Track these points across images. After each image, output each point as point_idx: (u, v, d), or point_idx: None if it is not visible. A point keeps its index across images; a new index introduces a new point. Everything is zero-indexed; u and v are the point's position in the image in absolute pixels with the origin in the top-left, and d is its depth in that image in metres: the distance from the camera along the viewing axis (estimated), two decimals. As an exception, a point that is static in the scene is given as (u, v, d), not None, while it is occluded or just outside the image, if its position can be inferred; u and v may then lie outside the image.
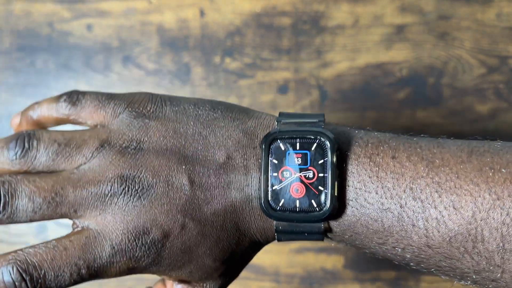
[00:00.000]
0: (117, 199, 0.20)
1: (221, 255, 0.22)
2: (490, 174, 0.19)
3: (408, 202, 0.19)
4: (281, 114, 0.22)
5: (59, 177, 0.20)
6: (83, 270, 0.20)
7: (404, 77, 0.47)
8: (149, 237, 0.20)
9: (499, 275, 0.19)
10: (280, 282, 0.46)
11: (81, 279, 0.20)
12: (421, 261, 0.20)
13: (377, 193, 0.20)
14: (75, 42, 0.47)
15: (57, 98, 0.23)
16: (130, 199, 0.20)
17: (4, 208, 0.20)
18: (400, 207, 0.19)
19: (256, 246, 0.23)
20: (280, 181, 0.20)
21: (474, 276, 0.19)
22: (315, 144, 0.20)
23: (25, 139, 0.22)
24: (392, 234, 0.20)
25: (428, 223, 0.19)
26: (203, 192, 0.20)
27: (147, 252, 0.21)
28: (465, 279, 0.20)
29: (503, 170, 0.19)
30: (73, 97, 0.22)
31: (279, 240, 0.22)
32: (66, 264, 0.19)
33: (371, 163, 0.20)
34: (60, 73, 0.47)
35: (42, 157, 0.20)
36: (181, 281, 0.24)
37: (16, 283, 0.19)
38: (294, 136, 0.21)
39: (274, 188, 0.20)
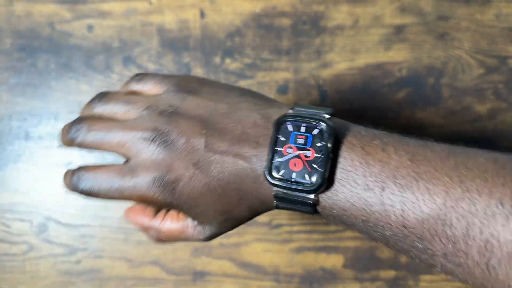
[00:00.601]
0: (149, 144, 0.26)
1: (221, 208, 0.26)
2: (463, 171, 0.22)
3: (390, 185, 0.22)
4: (297, 104, 0.26)
5: (117, 122, 0.27)
6: (114, 187, 0.26)
7: (403, 77, 0.47)
8: (164, 179, 0.25)
9: (462, 260, 0.21)
10: (280, 282, 0.46)
11: (109, 194, 0.27)
12: (398, 239, 0.23)
13: (364, 176, 0.23)
14: (76, 42, 0.47)
15: (131, 78, 0.30)
16: (158, 147, 0.26)
17: (82, 131, 0.27)
18: (382, 189, 0.22)
19: (253, 211, 0.27)
20: (283, 155, 0.24)
21: (442, 260, 0.22)
22: (317, 129, 0.24)
23: (103, 95, 0.29)
24: (374, 213, 0.23)
25: (405, 205, 0.22)
26: (215, 154, 0.25)
27: (161, 190, 0.26)
28: (436, 263, 0.23)
29: (475, 169, 0.22)
30: (141, 77, 0.30)
31: (277, 207, 0.25)
32: (106, 177, 0.27)
33: (362, 151, 0.24)
34: (60, 73, 0.47)
35: (110, 108, 0.28)
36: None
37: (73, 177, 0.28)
38: (301, 120, 0.25)
39: (277, 159, 0.24)
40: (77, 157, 0.46)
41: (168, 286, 0.46)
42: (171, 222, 0.28)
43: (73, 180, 0.28)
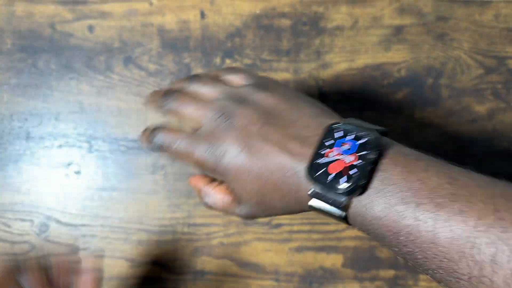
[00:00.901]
0: (215, 120, 0.30)
1: (256, 191, 0.29)
2: (499, 200, 0.22)
3: (425, 202, 0.23)
4: (351, 118, 0.28)
5: (199, 99, 0.32)
6: (180, 147, 0.31)
7: (402, 78, 0.47)
8: (215, 149, 0.30)
9: (487, 286, 0.21)
10: (280, 281, 0.46)
11: (175, 152, 0.32)
12: (426, 257, 0.23)
13: (401, 191, 0.24)
14: (77, 43, 0.47)
15: (224, 68, 0.35)
16: (220, 124, 0.30)
17: (171, 100, 0.33)
18: (417, 205, 0.23)
19: (285, 205, 0.29)
20: (325, 157, 0.26)
21: (467, 284, 0.22)
22: (364, 139, 0.26)
23: (196, 76, 0.34)
24: (406, 226, 0.23)
25: (437, 222, 0.22)
26: (265, 142, 0.28)
27: (211, 157, 0.30)
28: (458, 285, 0.23)
29: (509, 199, 0.22)
30: (232, 69, 0.35)
31: (310, 207, 0.27)
32: (176, 138, 0.32)
33: (404, 168, 0.24)
34: (61, 73, 0.47)
35: (197, 87, 0.33)
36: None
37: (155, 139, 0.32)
38: (350, 128, 0.26)
39: (319, 160, 0.26)
40: (78, 157, 0.46)
41: (169, 285, 0.46)
42: (219, 192, 0.32)
43: (150, 135, 0.33)
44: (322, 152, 0.26)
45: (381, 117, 0.47)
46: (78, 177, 0.46)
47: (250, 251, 0.46)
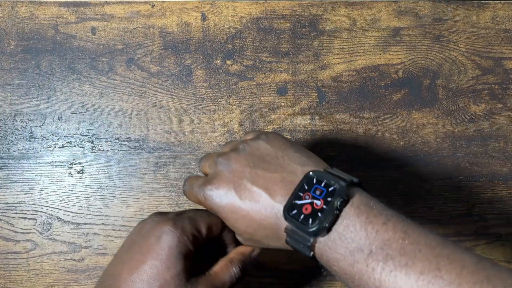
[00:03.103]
0: (215, 165, 0.34)
1: (244, 229, 0.32)
2: (443, 261, 0.25)
3: (377, 252, 0.26)
4: (334, 168, 0.31)
5: (215, 155, 0.35)
6: (193, 188, 0.35)
7: (400, 79, 0.48)
8: (211, 188, 0.33)
9: None
10: (280, 278, 0.46)
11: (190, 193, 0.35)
12: None
13: (359, 238, 0.27)
14: (80, 44, 0.47)
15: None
16: (221, 168, 0.33)
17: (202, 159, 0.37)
18: (370, 252, 0.26)
19: (269, 241, 0.32)
20: (301, 199, 0.29)
21: None
22: (332, 187, 0.29)
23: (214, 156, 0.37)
24: (359, 270, 0.26)
25: (383, 271, 0.26)
26: (253, 183, 0.31)
27: (207, 195, 0.33)
28: None
29: (455, 263, 0.25)
30: (252, 131, 0.38)
31: (287, 242, 0.30)
32: (192, 182, 0.35)
33: (366, 219, 0.27)
34: (64, 74, 0.47)
35: (222, 149, 0.37)
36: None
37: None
38: (324, 177, 0.30)
39: (295, 201, 0.29)
40: (81, 157, 0.47)
41: (170, 283, 0.46)
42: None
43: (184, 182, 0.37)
44: (300, 194, 0.29)
45: (378, 117, 0.47)
46: (80, 177, 0.47)
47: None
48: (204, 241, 0.34)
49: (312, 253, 0.29)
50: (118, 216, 0.46)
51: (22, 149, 0.47)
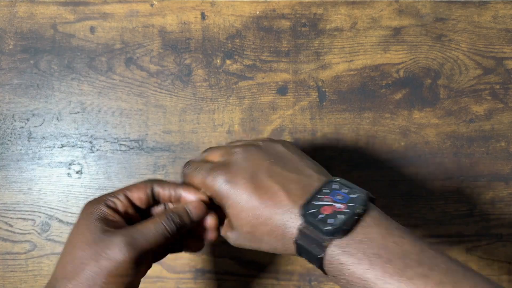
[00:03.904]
0: (233, 155, 0.34)
1: (248, 222, 0.31)
2: (458, 280, 0.25)
3: (396, 260, 0.26)
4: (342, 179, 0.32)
5: (228, 146, 0.36)
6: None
7: (401, 78, 0.48)
8: (226, 175, 0.32)
9: None
10: (280, 279, 0.46)
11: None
12: None
13: (377, 245, 0.27)
14: (78, 44, 0.47)
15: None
16: (237, 157, 0.33)
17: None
18: (389, 259, 0.26)
19: (273, 239, 0.31)
20: (319, 200, 0.30)
21: None
22: (355, 195, 0.30)
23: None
24: (375, 275, 0.26)
25: (402, 278, 0.26)
26: (270, 178, 0.31)
27: (220, 182, 0.32)
28: None
29: (468, 278, 0.26)
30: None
31: (296, 243, 0.29)
32: (199, 165, 0.35)
33: (383, 230, 0.28)
34: (63, 74, 0.47)
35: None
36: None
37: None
38: (346, 185, 0.31)
39: (313, 201, 0.29)
40: (79, 157, 0.47)
41: (170, 284, 0.46)
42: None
43: (183, 166, 0.36)
44: (319, 196, 0.30)
45: (379, 117, 0.47)
46: (79, 177, 0.46)
47: (250, 250, 0.46)
48: (128, 198, 0.33)
49: (322, 254, 0.28)
50: (117, 216, 0.46)
51: (20, 149, 0.47)
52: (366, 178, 0.47)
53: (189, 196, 0.34)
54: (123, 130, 0.47)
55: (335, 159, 0.47)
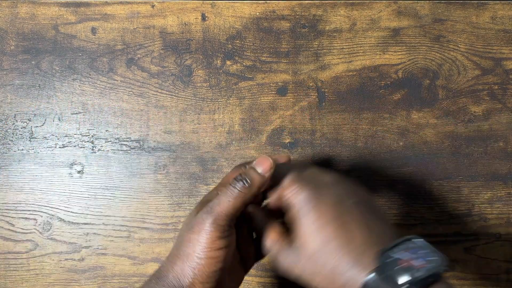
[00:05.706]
0: (324, 175, 0.35)
1: (318, 242, 0.31)
2: None
3: None
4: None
5: None
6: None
7: (399, 79, 0.48)
8: (317, 187, 0.33)
9: None
10: (280, 278, 0.47)
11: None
12: None
13: None
14: (80, 44, 0.47)
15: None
16: (329, 179, 0.34)
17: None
18: None
19: (328, 275, 0.31)
20: (399, 253, 0.29)
21: None
22: (435, 257, 0.29)
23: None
24: None
25: None
26: (355, 214, 0.32)
27: (311, 189, 0.33)
28: None
29: None
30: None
31: (365, 284, 0.29)
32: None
33: None
34: (64, 75, 0.47)
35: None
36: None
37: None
38: (428, 246, 0.30)
39: (392, 254, 0.29)
40: (81, 157, 0.47)
41: (170, 283, 0.46)
42: (278, 226, 0.35)
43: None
44: (398, 249, 0.29)
45: (378, 117, 0.48)
46: (81, 177, 0.47)
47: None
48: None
49: None
50: (118, 216, 0.46)
51: (22, 149, 0.47)
52: (365, 178, 0.47)
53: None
54: (124, 130, 0.47)
55: (334, 159, 0.47)
